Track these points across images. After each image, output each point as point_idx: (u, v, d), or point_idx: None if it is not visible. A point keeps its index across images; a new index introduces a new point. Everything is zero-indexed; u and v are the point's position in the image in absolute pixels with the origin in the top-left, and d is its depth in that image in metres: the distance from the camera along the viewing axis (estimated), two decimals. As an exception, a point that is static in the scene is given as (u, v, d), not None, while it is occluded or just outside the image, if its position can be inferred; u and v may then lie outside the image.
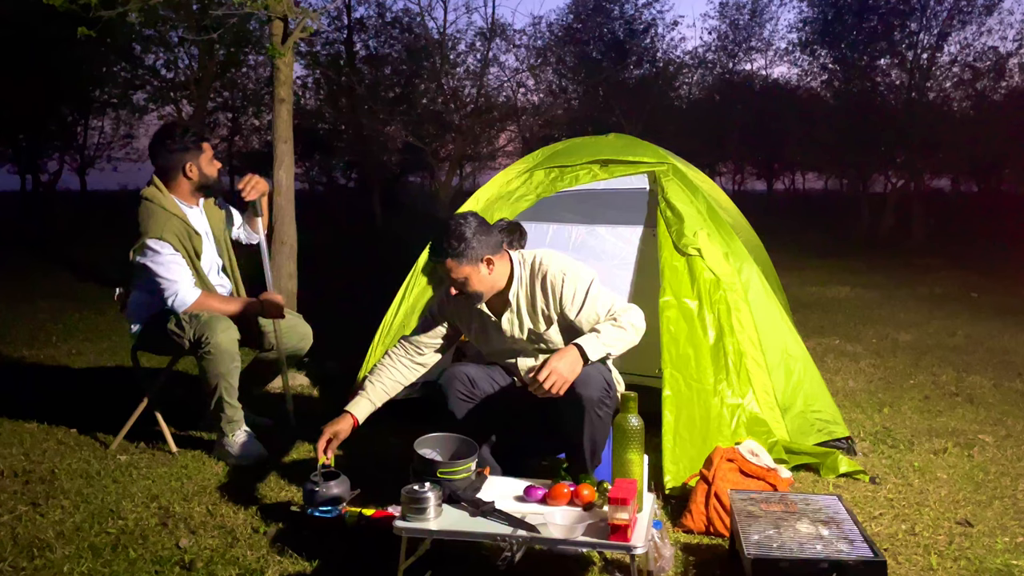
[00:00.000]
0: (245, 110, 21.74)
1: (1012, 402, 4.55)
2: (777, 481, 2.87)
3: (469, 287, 2.78)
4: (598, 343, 2.66)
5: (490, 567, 2.36)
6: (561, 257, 2.89)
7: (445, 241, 2.73)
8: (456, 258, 2.72)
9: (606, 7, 20.82)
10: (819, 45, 19.65)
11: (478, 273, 2.76)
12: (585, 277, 2.82)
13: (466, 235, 2.71)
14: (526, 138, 18.72)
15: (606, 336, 2.68)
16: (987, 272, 10.63)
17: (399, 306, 4.22)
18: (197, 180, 3.56)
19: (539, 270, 2.86)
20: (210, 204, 3.71)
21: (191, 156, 3.53)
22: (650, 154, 4.16)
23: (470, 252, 2.72)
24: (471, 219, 2.76)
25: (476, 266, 2.75)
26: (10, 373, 5.25)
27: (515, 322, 2.90)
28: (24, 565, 2.56)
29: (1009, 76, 17.97)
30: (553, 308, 2.83)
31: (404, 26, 18.68)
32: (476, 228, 2.74)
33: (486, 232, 2.77)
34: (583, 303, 2.78)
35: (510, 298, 2.87)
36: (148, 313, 3.52)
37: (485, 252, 2.75)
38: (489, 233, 2.78)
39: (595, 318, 2.77)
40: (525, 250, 2.98)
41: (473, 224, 2.74)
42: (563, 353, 2.63)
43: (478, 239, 2.73)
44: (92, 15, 4.88)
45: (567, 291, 2.80)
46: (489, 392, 2.91)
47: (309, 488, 2.83)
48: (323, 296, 6.80)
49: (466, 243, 2.71)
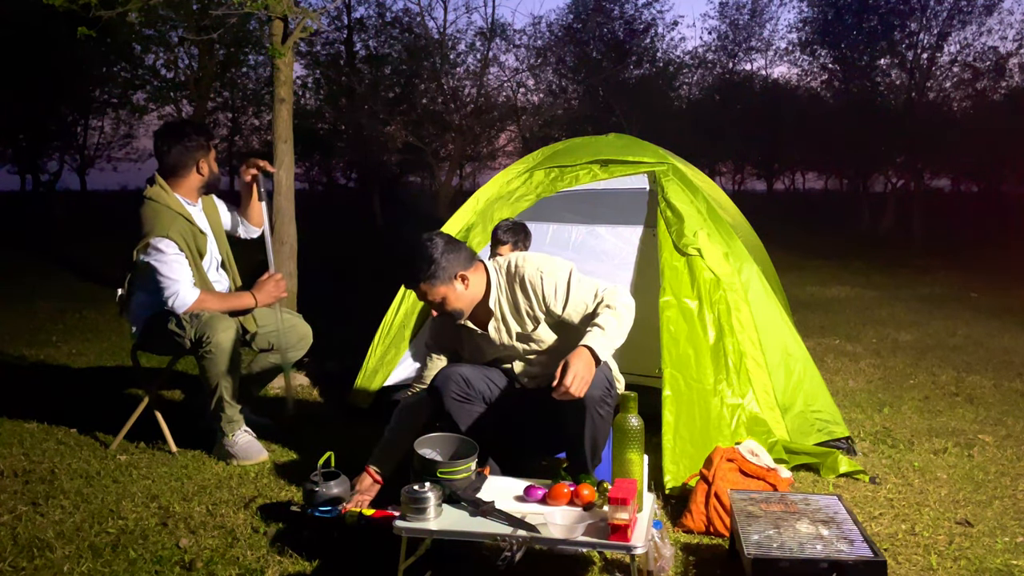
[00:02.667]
0: (245, 110, 21.76)
1: (1012, 402, 4.55)
2: (777, 481, 2.87)
3: (448, 306, 2.78)
4: (605, 340, 2.63)
5: (490, 567, 2.36)
6: (535, 256, 2.89)
7: (413, 266, 2.72)
8: (428, 280, 2.72)
9: (606, 7, 20.82)
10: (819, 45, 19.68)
11: (454, 291, 2.76)
12: (563, 270, 2.81)
13: (434, 256, 2.71)
14: (526, 138, 18.69)
15: (611, 330, 2.65)
16: (987, 272, 10.63)
17: (399, 306, 4.22)
18: (207, 177, 3.60)
19: (516, 273, 2.85)
20: (207, 200, 3.72)
21: (203, 153, 3.57)
22: (650, 154, 4.16)
23: (441, 272, 2.71)
24: (436, 239, 2.75)
25: (451, 284, 2.74)
26: (10, 373, 5.25)
27: (501, 329, 2.89)
28: (24, 565, 2.56)
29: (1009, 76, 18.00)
30: (537, 307, 2.83)
31: (404, 26, 18.69)
32: (443, 247, 2.73)
33: (454, 249, 2.76)
34: (567, 296, 2.78)
35: (491, 307, 2.86)
36: (148, 313, 3.52)
37: (457, 269, 2.75)
38: (458, 250, 2.78)
39: (583, 308, 2.77)
40: (499, 257, 2.99)
41: (440, 244, 2.73)
42: (578, 354, 2.59)
43: (446, 258, 2.72)
44: (92, 15, 4.88)
45: (547, 288, 2.79)
46: (485, 392, 2.90)
47: (309, 488, 2.83)
48: (323, 296, 6.80)
49: (435, 264, 2.70)
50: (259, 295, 3.59)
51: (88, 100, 18.42)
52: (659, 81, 21.07)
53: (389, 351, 4.14)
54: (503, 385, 2.94)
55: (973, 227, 16.62)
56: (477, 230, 4.20)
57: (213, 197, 3.76)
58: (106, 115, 20.70)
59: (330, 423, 4.04)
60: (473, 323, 2.91)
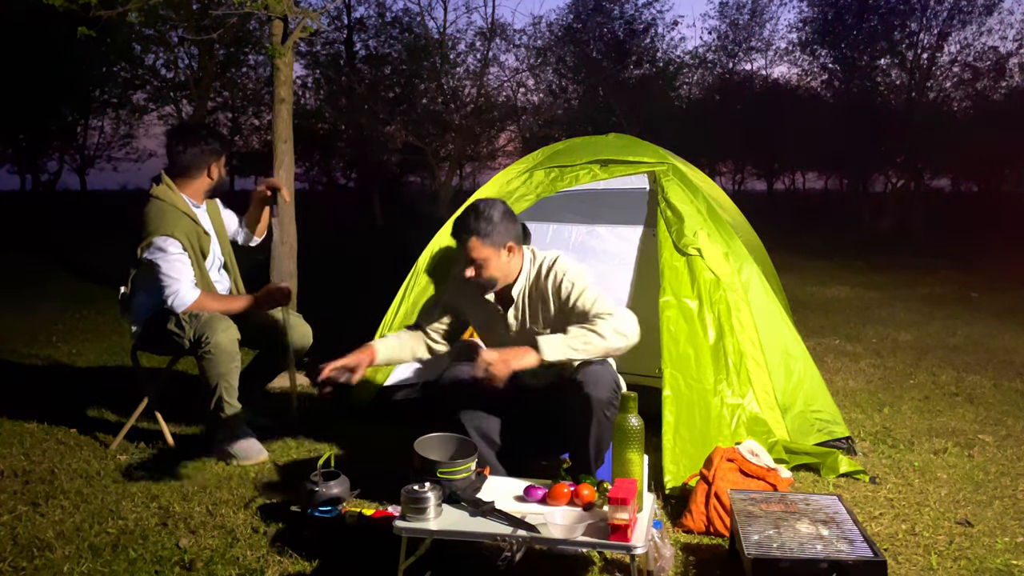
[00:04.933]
0: (245, 110, 21.78)
1: (1012, 402, 4.55)
2: (777, 481, 2.87)
3: (486, 270, 2.78)
4: (561, 345, 2.61)
5: (490, 567, 2.36)
6: (568, 260, 2.89)
7: (473, 219, 2.74)
8: (481, 237, 2.73)
9: (606, 7, 20.84)
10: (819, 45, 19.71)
11: (498, 257, 2.77)
12: (585, 277, 2.82)
13: (494, 218, 2.73)
14: (526, 138, 18.71)
15: (572, 340, 2.62)
16: (987, 272, 10.63)
17: (399, 306, 4.22)
18: (216, 181, 3.64)
19: (546, 270, 2.86)
20: (211, 203, 3.73)
21: (216, 158, 3.60)
22: (650, 154, 4.16)
23: (495, 234, 2.73)
24: (499, 204, 2.79)
25: (498, 250, 2.76)
26: (10, 373, 5.25)
27: (518, 318, 2.91)
28: (24, 565, 2.56)
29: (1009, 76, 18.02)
30: (553, 306, 2.83)
31: (404, 26, 18.70)
32: (503, 213, 2.77)
33: (512, 220, 2.80)
34: (575, 301, 2.78)
35: (514, 294, 2.88)
36: (148, 313, 3.52)
37: (509, 239, 2.77)
38: (514, 222, 2.81)
39: (575, 318, 2.77)
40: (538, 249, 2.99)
41: (501, 208, 2.77)
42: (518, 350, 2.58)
43: (504, 224, 2.75)
44: (92, 15, 4.88)
45: (565, 287, 2.80)
46: (490, 393, 2.89)
47: (309, 488, 2.83)
48: (323, 296, 6.80)
49: (493, 225, 2.73)
50: (260, 299, 3.58)
51: (88, 100, 18.46)
52: (659, 81, 21.09)
53: (389, 351, 4.13)
54: (508, 386, 2.94)
55: (973, 227, 16.61)
56: (477, 230, 4.19)
57: (217, 201, 3.77)
58: (106, 115, 20.75)
59: (330, 423, 4.03)
60: (496, 301, 2.92)
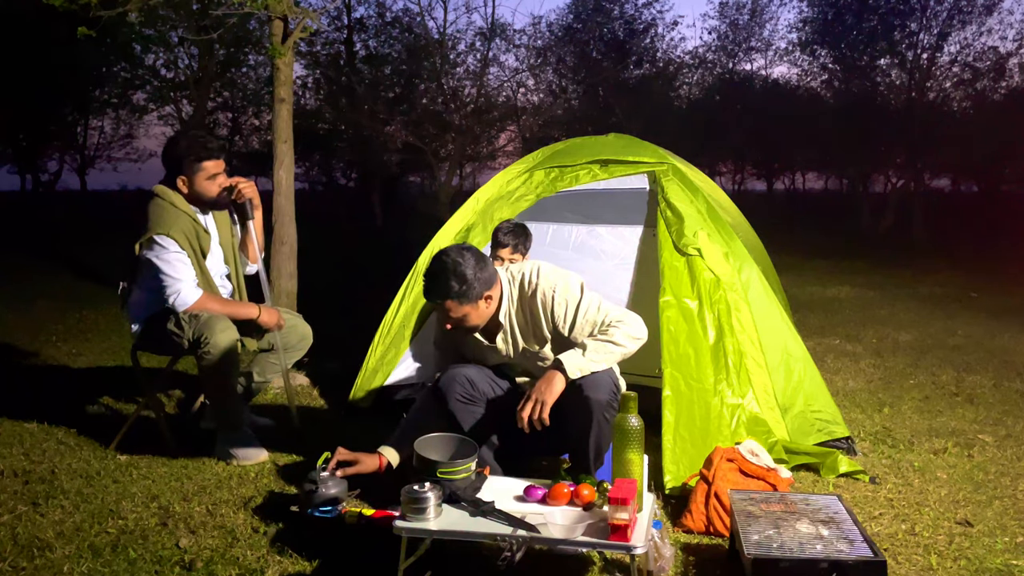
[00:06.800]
0: (245, 110, 21.78)
1: (1012, 402, 4.55)
2: (777, 481, 2.87)
3: (467, 323, 2.73)
4: (583, 360, 2.62)
5: (490, 567, 2.36)
6: (550, 270, 2.83)
7: (444, 282, 2.63)
8: (457, 299, 2.64)
9: (606, 7, 20.83)
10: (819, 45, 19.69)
11: (477, 310, 2.71)
12: (575, 290, 2.78)
13: (467, 275, 2.62)
14: (526, 138, 18.71)
15: (593, 353, 2.64)
16: (987, 272, 10.63)
17: (399, 306, 4.21)
18: (187, 194, 3.49)
19: (529, 287, 2.81)
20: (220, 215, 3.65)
21: (186, 171, 3.46)
22: (650, 154, 4.16)
23: (470, 292, 2.64)
24: (468, 256, 2.65)
25: (475, 304, 2.69)
26: (10, 373, 5.25)
27: (509, 342, 2.88)
28: (24, 565, 2.56)
29: (1009, 76, 18.00)
30: (546, 326, 2.81)
31: (404, 26, 18.71)
32: (475, 265, 2.64)
33: (484, 267, 2.68)
34: (574, 319, 2.76)
35: (501, 319, 2.83)
36: (148, 313, 3.51)
37: (485, 290, 2.68)
38: (486, 267, 2.70)
39: (588, 331, 2.75)
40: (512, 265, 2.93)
41: (472, 261, 2.64)
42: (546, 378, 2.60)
43: (478, 278, 2.64)
44: (92, 15, 4.88)
45: (558, 308, 2.77)
46: (489, 393, 2.90)
47: (308, 488, 2.83)
48: (323, 296, 6.80)
49: (467, 284, 2.62)
50: (264, 310, 3.56)
51: (88, 100, 18.46)
52: (659, 81, 21.08)
53: (389, 351, 4.14)
54: (507, 387, 2.95)
55: (973, 227, 16.60)
56: (477, 230, 4.19)
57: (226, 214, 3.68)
58: (106, 115, 20.74)
59: (330, 423, 4.04)
60: (482, 335, 2.89)
